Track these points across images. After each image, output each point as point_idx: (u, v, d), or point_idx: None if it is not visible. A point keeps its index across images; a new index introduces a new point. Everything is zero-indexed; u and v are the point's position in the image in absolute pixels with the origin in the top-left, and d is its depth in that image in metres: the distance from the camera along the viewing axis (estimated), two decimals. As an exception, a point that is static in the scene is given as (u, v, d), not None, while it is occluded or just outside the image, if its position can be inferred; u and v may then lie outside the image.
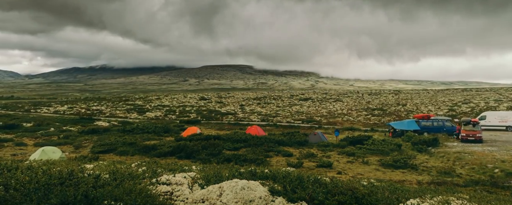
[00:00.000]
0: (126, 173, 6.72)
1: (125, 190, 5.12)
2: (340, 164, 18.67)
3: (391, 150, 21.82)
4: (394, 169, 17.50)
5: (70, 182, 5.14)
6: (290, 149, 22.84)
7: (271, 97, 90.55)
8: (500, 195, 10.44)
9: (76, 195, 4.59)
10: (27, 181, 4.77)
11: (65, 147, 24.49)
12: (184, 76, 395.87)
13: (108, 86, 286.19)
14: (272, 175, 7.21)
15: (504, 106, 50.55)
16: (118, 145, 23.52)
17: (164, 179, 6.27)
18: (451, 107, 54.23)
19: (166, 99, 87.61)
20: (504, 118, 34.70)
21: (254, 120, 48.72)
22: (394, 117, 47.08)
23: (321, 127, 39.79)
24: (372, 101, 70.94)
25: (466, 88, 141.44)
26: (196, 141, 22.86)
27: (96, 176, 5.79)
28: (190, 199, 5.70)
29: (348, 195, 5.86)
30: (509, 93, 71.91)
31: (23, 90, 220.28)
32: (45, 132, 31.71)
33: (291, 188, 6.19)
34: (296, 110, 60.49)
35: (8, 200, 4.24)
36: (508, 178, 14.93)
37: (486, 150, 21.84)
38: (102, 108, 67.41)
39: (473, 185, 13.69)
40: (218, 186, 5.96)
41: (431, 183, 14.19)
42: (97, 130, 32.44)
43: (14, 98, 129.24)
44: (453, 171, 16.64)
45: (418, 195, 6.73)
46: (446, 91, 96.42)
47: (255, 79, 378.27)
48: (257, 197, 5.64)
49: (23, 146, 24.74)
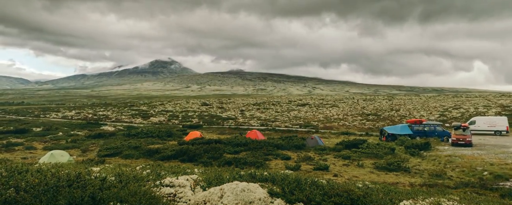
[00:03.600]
0: (131, 175, 6.72)
1: (130, 192, 5.12)
2: (336, 167, 18.62)
3: (385, 153, 21.80)
4: (388, 171, 17.46)
5: (77, 184, 5.14)
6: (288, 153, 22.79)
7: (270, 102, 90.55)
8: (489, 196, 10.43)
9: (83, 197, 4.59)
10: (37, 183, 4.78)
11: (73, 150, 24.43)
12: (187, 83, 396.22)
13: (114, 92, 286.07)
14: (271, 177, 7.21)
15: (492, 112, 50.57)
16: (123, 148, 23.47)
17: (168, 181, 6.26)
18: (442, 112, 54.23)
19: (170, 105, 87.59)
20: (492, 123, 34.73)
21: (253, 124, 48.69)
22: (388, 122, 47.09)
23: (318, 132, 39.76)
24: (367, 107, 70.96)
25: (457, 94, 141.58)
26: (198, 145, 22.83)
27: (102, 178, 5.79)
28: (192, 201, 5.69)
29: (344, 197, 5.86)
30: (497, 99, 71.96)
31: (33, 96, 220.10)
32: (53, 137, 31.69)
33: (290, 190, 6.19)
34: (294, 115, 60.47)
35: (19, 201, 4.24)
36: (496, 180, 14.90)
37: (475, 153, 21.82)
38: (108, 113, 67.36)
39: (463, 187, 13.64)
40: (219, 188, 5.95)
41: (423, 185, 14.14)
42: (103, 135, 32.41)
43: (24, 104, 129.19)
44: (444, 174, 16.60)
45: (411, 197, 6.72)
46: (438, 97, 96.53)
47: (254, 85, 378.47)
48: (256, 198, 5.64)
49: (32, 149, 24.69)
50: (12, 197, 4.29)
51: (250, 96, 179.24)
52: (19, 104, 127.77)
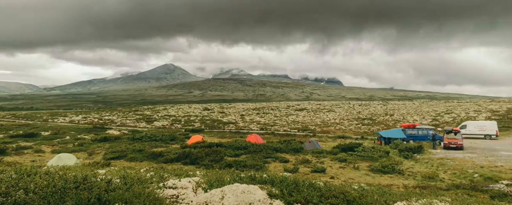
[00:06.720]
0: (135, 177, 6.72)
1: (135, 194, 5.13)
2: (333, 170, 18.59)
3: (379, 156, 21.76)
4: (383, 174, 17.43)
5: (84, 186, 5.14)
6: (286, 156, 22.76)
7: (269, 107, 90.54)
8: (479, 198, 10.42)
9: (90, 198, 4.60)
10: (45, 185, 4.78)
11: (80, 153, 24.41)
12: (189, 88, 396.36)
13: (119, 97, 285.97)
14: (270, 179, 7.21)
15: (483, 116, 50.56)
16: (128, 152, 23.45)
17: (171, 183, 6.26)
18: (435, 117, 54.22)
19: (172, 110, 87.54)
20: (482, 127, 34.72)
21: (253, 128, 48.67)
22: (382, 126, 47.06)
23: (315, 135, 39.74)
24: (362, 111, 70.94)
25: (448, 99, 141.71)
26: (200, 148, 22.81)
27: (108, 180, 5.79)
28: (194, 202, 5.69)
29: (340, 198, 5.86)
30: (487, 104, 71.99)
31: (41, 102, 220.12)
32: (61, 140, 31.66)
33: (288, 191, 6.19)
34: (292, 119, 60.43)
35: (28, 203, 4.24)
36: (486, 182, 14.87)
37: (466, 156, 21.79)
38: (114, 117, 67.29)
39: (455, 189, 13.62)
40: (220, 190, 5.95)
41: (416, 187, 14.12)
42: (108, 138, 32.37)
43: (33, 109, 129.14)
44: (436, 176, 16.58)
45: (404, 198, 6.72)
46: (430, 102, 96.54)
47: (254, 91, 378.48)
48: (256, 200, 5.64)
49: (41, 153, 24.66)
50: (21, 199, 4.30)
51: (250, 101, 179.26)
52: (28, 109, 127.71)
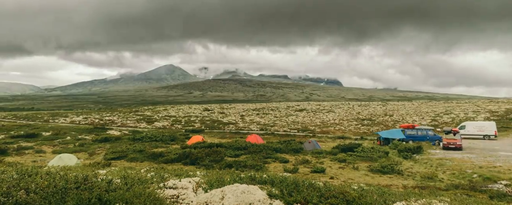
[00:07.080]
0: (136, 178, 6.71)
1: (135, 194, 5.12)
2: (333, 170, 18.58)
3: (379, 157, 21.76)
4: (382, 174, 17.42)
5: (85, 186, 5.13)
6: (286, 156, 22.75)
7: (269, 108, 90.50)
8: (478, 198, 10.41)
9: (90, 198, 4.59)
10: (46, 185, 4.78)
11: (80, 154, 24.39)
12: (189, 89, 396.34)
13: (119, 98, 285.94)
14: (270, 180, 7.20)
15: (481, 117, 50.56)
16: (128, 152, 23.43)
17: (171, 183, 6.25)
18: (434, 117, 54.20)
19: (173, 110, 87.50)
20: (481, 128, 34.72)
21: (253, 129, 48.67)
22: (382, 126, 47.05)
23: (315, 136, 39.72)
24: (362, 112, 70.90)
25: (448, 100, 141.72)
26: (200, 149, 22.80)
27: (108, 180, 5.78)
28: (194, 202, 5.68)
29: (340, 198, 5.85)
30: (486, 105, 71.99)
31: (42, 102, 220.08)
32: (62, 141, 31.64)
33: (288, 192, 6.18)
34: (292, 120, 60.40)
35: (29, 203, 4.24)
36: (485, 182, 14.86)
37: (465, 157, 21.78)
38: (114, 118, 67.26)
39: (454, 189, 13.61)
40: (220, 190, 5.94)
41: (415, 187, 14.12)
42: (109, 139, 32.35)
43: (34, 109, 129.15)
44: (435, 176, 16.57)
45: (403, 198, 6.72)
46: (429, 103, 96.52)
47: (254, 91, 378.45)
48: (256, 200, 5.63)
49: (42, 153, 24.64)
50: (22, 199, 4.29)
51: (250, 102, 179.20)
52: (29, 109, 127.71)
